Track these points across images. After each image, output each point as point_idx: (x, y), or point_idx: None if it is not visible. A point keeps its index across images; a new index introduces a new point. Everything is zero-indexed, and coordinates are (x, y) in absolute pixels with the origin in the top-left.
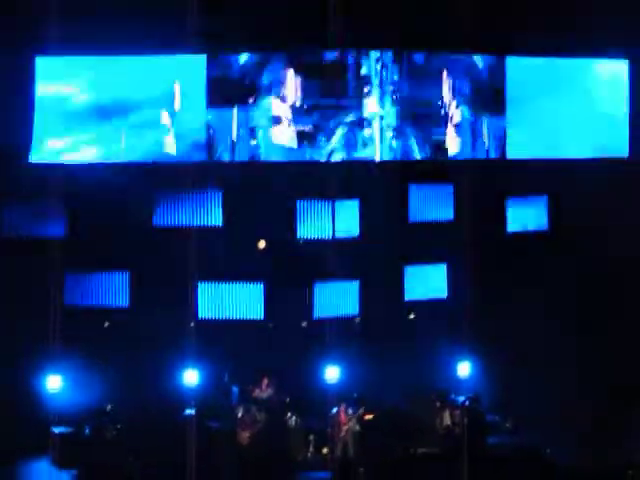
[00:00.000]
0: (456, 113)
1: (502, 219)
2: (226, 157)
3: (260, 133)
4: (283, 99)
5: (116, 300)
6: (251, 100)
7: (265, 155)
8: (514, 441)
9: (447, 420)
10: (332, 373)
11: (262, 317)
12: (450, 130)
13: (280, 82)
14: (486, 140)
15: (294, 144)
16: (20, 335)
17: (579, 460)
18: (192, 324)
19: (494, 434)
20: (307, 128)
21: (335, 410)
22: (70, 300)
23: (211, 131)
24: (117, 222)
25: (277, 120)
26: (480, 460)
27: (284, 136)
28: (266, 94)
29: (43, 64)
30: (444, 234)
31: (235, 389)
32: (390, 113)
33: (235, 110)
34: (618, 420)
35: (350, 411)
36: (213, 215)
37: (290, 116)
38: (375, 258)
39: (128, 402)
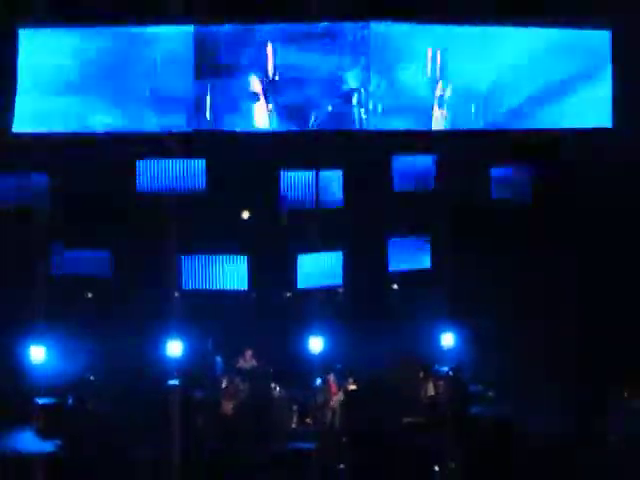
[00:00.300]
0: (440, 84)
1: (486, 189)
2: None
3: (242, 107)
4: (265, 75)
5: (99, 270)
6: (234, 73)
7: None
8: (496, 411)
9: (431, 390)
10: (316, 344)
11: (246, 288)
12: (435, 102)
13: (263, 56)
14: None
15: (269, 124)
16: (3, 306)
17: (560, 429)
18: (176, 294)
19: (477, 404)
20: (292, 103)
21: (321, 380)
22: (53, 270)
23: (196, 102)
24: (100, 192)
25: (256, 97)
26: (463, 429)
27: (261, 116)
28: (248, 70)
29: (26, 35)
30: (427, 204)
31: (219, 360)
32: (373, 84)
33: (218, 82)
34: (599, 390)
35: (337, 381)
36: (197, 184)
37: (268, 94)
38: (359, 229)
39: (112, 373)
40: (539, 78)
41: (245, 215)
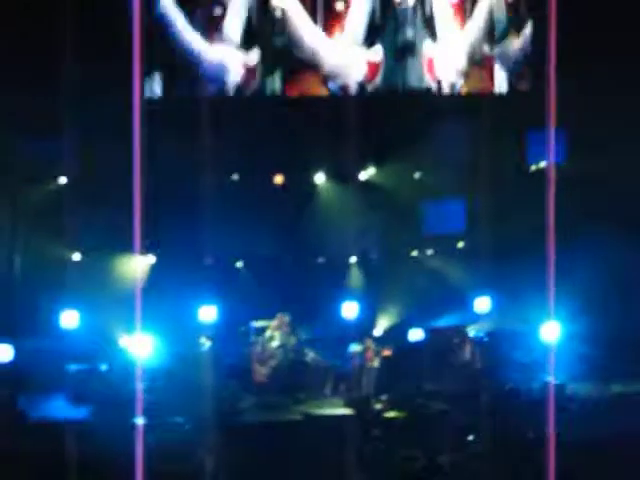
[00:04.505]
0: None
1: (522, 154)
2: None
3: None
4: None
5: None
6: None
7: None
8: (534, 377)
9: (467, 356)
10: (350, 310)
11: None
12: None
13: None
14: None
15: None
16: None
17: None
18: (210, 260)
19: (515, 370)
20: None
21: (357, 347)
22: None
23: None
24: None
25: None
26: (500, 397)
27: None
28: None
29: None
30: (463, 169)
31: (252, 325)
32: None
33: None
34: None
35: (374, 347)
36: None
37: None
38: (393, 194)
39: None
40: None
41: (279, 180)
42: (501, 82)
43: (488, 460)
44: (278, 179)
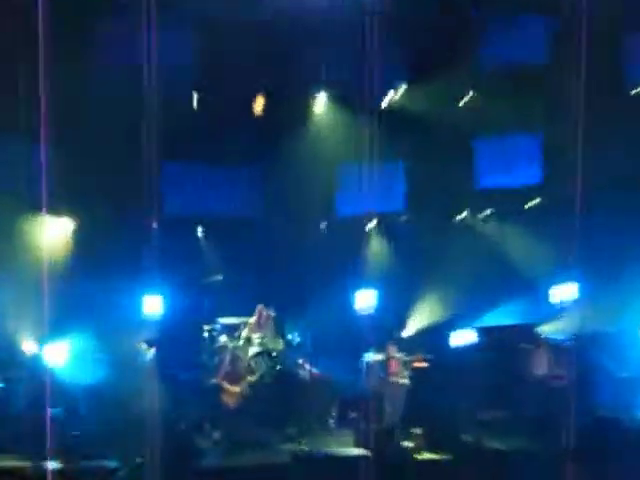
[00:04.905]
0: None
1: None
2: None
3: None
4: None
5: None
6: None
7: None
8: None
9: (540, 368)
10: (365, 300)
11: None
12: None
13: None
14: None
15: None
16: None
17: None
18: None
19: (610, 390)
20: None
21: (376, 355)
22: None
23: None
24: None
25: None
26: (589, 429)
27: None
28: None
29: None
30: (535, 89)
31: (219, 324)
32: None
33: None
34: None
35: (401, 356)
36: None
37: None
38: (431, 126)
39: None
40: None
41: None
42: None
43: None
44: (259, 104)
